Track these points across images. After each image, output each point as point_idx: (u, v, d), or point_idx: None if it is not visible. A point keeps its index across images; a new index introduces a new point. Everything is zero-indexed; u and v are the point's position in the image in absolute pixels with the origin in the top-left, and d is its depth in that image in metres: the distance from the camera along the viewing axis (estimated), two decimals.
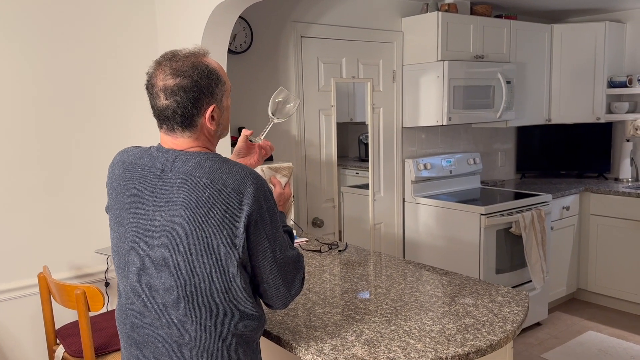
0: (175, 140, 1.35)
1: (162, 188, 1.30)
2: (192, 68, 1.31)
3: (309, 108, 3.32)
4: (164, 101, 1.30)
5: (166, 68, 1.31)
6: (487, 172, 4.52)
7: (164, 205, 1.29)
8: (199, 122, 1.33)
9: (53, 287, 2.18)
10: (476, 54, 3.72)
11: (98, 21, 2.59)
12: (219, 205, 1.24)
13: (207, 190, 1.25)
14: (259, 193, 1.28)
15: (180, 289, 1.28)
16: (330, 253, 2.44)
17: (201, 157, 1.31)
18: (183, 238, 1.26)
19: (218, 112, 1.36)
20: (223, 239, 1.25)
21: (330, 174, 3.47)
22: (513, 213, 3.58)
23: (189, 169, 1.29)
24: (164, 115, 1.32)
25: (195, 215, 1.25)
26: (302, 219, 3.35)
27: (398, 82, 3.76)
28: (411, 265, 2.22)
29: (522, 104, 4.15)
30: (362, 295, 1.90)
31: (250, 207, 1.25)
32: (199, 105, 1.31)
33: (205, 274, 1.27)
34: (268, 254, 1.30)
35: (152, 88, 1.33)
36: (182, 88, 1.29)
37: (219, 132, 1.41)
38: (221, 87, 1.36)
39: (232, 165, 1.30)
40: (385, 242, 3.85)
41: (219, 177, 1.26)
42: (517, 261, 3.67)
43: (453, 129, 4.22)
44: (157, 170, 1.33)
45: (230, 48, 2.91)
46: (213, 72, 1.34)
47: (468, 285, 1.96)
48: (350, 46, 3.48)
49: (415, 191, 3.87)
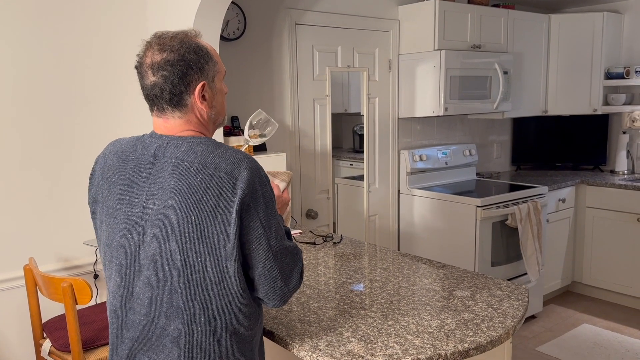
0: (166, 123, 1.30)
1: (156, 175, 1.25)
2: (179, 43, 1.27)
3: (304, 98, 3.26)
4: (152, 78, 1.26)
5: (155, 45, 1.28)
6: (483, 164, 4.48)
7: (157, 193, 1.24)
8: (189, 101, 1.28)
9: (39, 280, 2.12)
10: (473, 43, 3.67)
11: (85, 5, 2.50)
12: (212, 191, 1.19)
13: (199, 175, 1.20)
14: (254, 177, 1.22)
15: (173, 280, 1.23)
16: (324, 245, 2.39)
17: (193, 142, 1.26)
18: (175, 226, 1.21)
19: (209, 92, 1.31)
20: (217, 225, 1.19)
21: (325, 164, 3.41)
22: (509, 205, 3.54)
23: (181, 153, 1.24)
24: (153, 94, 1.27)
25: (187, 201, 1.19)
26: (296, 210, 3.30)
27: (394, 71, 3.70)
28: (407, 258, 2.17)
29: (519, 95, 4.11)
30: (357, 287, 1.85)
31: (243, 191, 1.19)
32: (187, 81, 1.26)
33: (199, 263, 1.22)
34: (262, 241, 1.24)
35: (140, 67, 1.29)
36: (169, 62, 1.25)
37: (214, 116, 1.35)
38: (212, 66, 1.31)
39: (226, 149, 1.25)
40: (380, 234, 3.81)
41: (211, 162, 1.21)
42: (512, 253, 3.64)
43: (449, 120, 4.16)
44: (150, 157, 1.28)
45: (222, 35, 2.84)
46: (202, 49, 1.30)
47: (466, 279, 1.91)
48: (346, 34, 3.41)
49: (410, 183, 3.82)
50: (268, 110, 3.12)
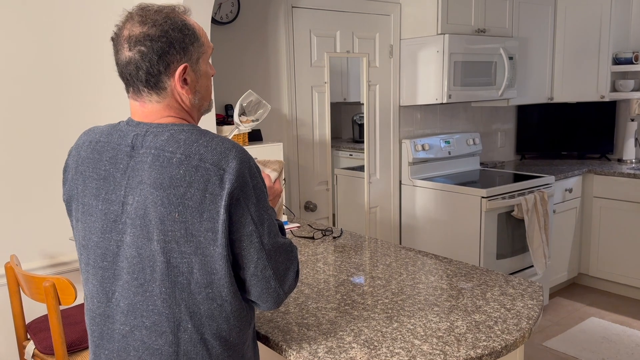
0: (144, 108, 1.16)
1: (134, 168, 1.12)
2: (164, 18, 1.13)
3: (301, 85, 3.12)
4: (127, 53, 1.12)
5: (136, 16, 1.13)
6: (487, 153, 4.35)
7: (136, 188, 1.11)
8: (168, 85, 1.14)
9: (21, 279, 1.99)
10: (478, 27, 3.52)
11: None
12: (197, 184, 1.06)
13: (182, 167, 1.07)
14: (244, 168, 1.09)
15: (155, 285, 1.10)
16: (324, 240, 2.26)
17: (175, 129, 1.13)
18: (157, 224, 1.08)
19: (192, 76, 1.17)
20: (203, 222, 1.07)
21: (324, 155, 3.28)
22: (515, 196, 3.41)
23: (161, 143, 1.11)
24: (127, 72, 1.13)
25: (170, 196, 1.06)
26: (294, 203, 3.17)
27: (395, 57, 3.55)
28: (412, 253, 2.05)
29: (524, 82, 3.96)
30: (357, 280, 1.72)
31: (232, 183, 1.06)
32: (167, 62, 1.12)
33: (184, 265, 1.09)
34: (254, 239, 1.11)
35: (117, 39, 1.15)
36: (149, 36, 1.10)
37: (198, 102, 1.21)
38: (197, 47, 1.17)
39: (212, 137, 1.11)
40: (381, 227, 3.68)
41: (195, 152, 1.08)
42: (518, 246, 3.51)
43: (452, 108, 4.03)
44: (127, 148, 1.14)
45: (215, 18, 2.70)
46: (189, 27, 1.16)
47: (475, 276, 1.79)
48: (345, 18, 3.27)
49: (412, 173, 3.69)
50: (264, 97, 2.96)
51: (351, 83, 3.58)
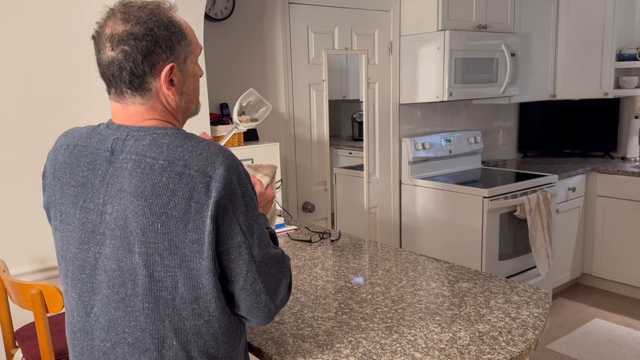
0: (126, 110, 1.09)
1: (114, 174, 1.05)
2: (149, 15, 1.05)
3: (298, 83, 3.04)
4: (109, 52, 1.04)
5: (118, 14, 1.06)
6: (488, 151, 4.27)
7: (116, 196, 1.04)
8: (153, 86, 1.07)
9: (8, 285, 1.93)
10: (479, 23, 3.44)
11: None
12: (181, 193, 0.99)
13: (165, 173, 1.00)
14: (231, 175, 1.02)
15: (137, 300, 1.04)
16: (321, 243, 2.20)
17: (158, 133, 1.05)
18: (138, 235, 1.01)
19: (179, 76, 1.10)
20: (188, 234, 1.00)
21: (322, 154, 3.21)
22: (517, 195, 3.34)
23: (142, 148, 1.03)
24: (110, 73, 1.06)
25: (152, 206, 0.99)
26: (292, 204, 3.10)
27: (395, 54, 3.48)
28: (412, 257, 1.98)
29: (526, 79, 3.89)
30: (356, 280, 1.66)
31: (219, 191, 0.99)
32: (152, 62, 1.05)
33: (168, 279, 1.02)
34: (243, 250, 1.04)
35: (98, 38, 1.07)
36: (132, 35, 1.03)
37: (184, 105, 1.13)
38: (185, 46, 1.10)
39: (197, 142, 1.04)
40: (381, 227, 3.61)
41: (179, 157, 1.01)
42: (521, 246, 3.45)
43: (453, 105, 3.95)
44: (106, 153, 1.07)
45: (209, 14, 2.63)
46: (175, 25, 1.08)
47: (478, 282, 1.72)
48: (344, 14, 3.19)
49: (412, 172, 3.62)
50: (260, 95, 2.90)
51: (351, 80, 3.51)
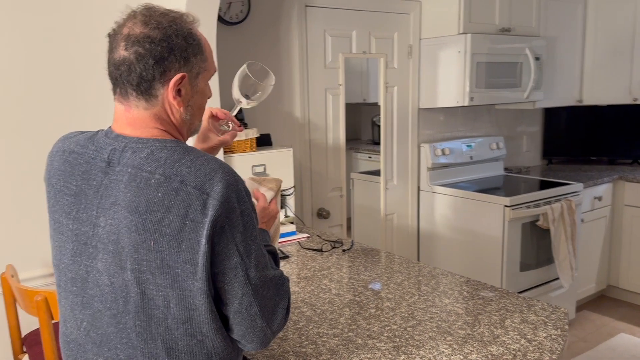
0: (129, 113, 1.05)
1: (109, 186, 1.01)
2: (170, 22, 1.02)
3: (314, 87, 2.99)
4: (122, 52, 1.01)
5: (139, 16, 1.03)
6: (511, 157, 4.16)
7: (109, 209, 0.99)
8: (160, 93, 1.03)
9: (15, 291, 1.91)
10: (502, 26, 3.34)
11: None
12: (176, 210, 0.94)
13: (161, 189, 0.95)
14: (230, 192, 0.96)
15: (129, 317, 0.99)
16: (332, 253, 2.14)
17: (157, 146, 1.01)
18: (131, 252, 0.96)
19: (188, 89, 1.06)
20: (181, 253, 0.95)
21: (338, 159, 3.15)
22: (541, 204, 3.23)
23: (139, 161, 0.99)
24: (118, 72, 1.03)
25: (145, 222, 0.95)
26: (306, 210, 3.04)
27: (415, 58, 3.40)
28: (426, 270, 1.90)
29: (552, 83, 3.77)
30: (374, 286, 1.59)
31: (216, 210, 0.94)
32: (163, 68, 1.01)
33: (160, 298, 0.97)
34: (239, 272, 0.99)
35: (114, 37, 1.04)
36: (149, 38, 1.00)
37: (189, 119, 1.09)
38: (200, 61, 1.07)
39: (197, 156, 0.99)
40: (398, 235, 3.53)
41: (176, 173, 0.96)
42: (543, 257, 3.33)
43: (474, 110, 3.85)
44: (102, 163, 1.03)
45: (224, 18, 2.60)
46: (194, 38, 1.06)
47: (495, 299, 1.64)
48: (362, 17, 3.13)
49: (431, 179, 3.53)
50: (275, 101, 2.86)
51: (371, 83, 3.44)
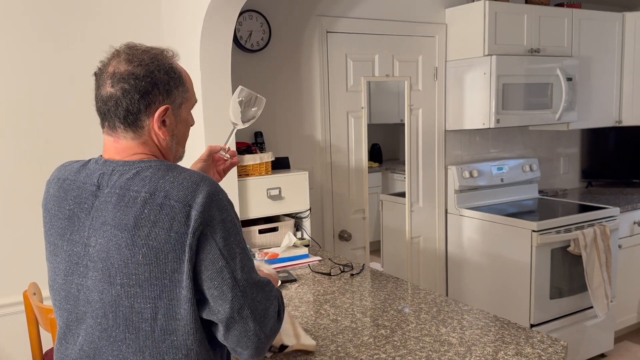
0: (117, 144, 1.13)
1: (99, 208, 1.08)
2: (151, 58, 1.11)
3: (336, 110, 3.02)
4: (109, 89, 1.09)
5: (123, 54, 1.11)
6: (547, 179, 4.04)
7: (100, 229, 1.07)
8: (146, 124, 1.11)
9: (35, 308, 2.02)
10: (531, 47, 3.28)
11: (100, 16, 2.41)
12: (161, 223, 1.01)
13: (147, 206, 1.02)
14: (210, 201, 1.02)
15: (119, 330, 1.06)
16: (341, 277, 2.14)
17: (142, 167, 1.09)
18: (120, 267, 1.03)
19: (172, 119, 1.14)
20: (168, 264, 1.01)
21: (360, 182, 3.16)
22: (572, 229, 3.12)
23: (126, 182, 1.07)
24: (106, 107, 1.11)
25: (134, 238, 1.02)
26: (327, 232, 3.06)
27: (440, 80, 3.38)
28: (430, 298, 1.88)
29: (587, 104, 3.65)
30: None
31: (196, 220, 1.01)
32: (148, 101, 1.09)
33: (148, 310, 1.03)
34: (226, 275, 1.03)
35: (100, 75, 1.13)
36: (133, 75, 1.08)
37: (174, 146, 1.17)
38: (182, 92, 1.15)
39: (180, 172, 1.06)
40: (424, 258, 3.49)
41: (160, 189, 1.03)
42: (576, 284, 3.20)
43: (507, 131, 3.78)
44: (92, 187, 1.11)
45: (245, 46, 2.68)
46: (175, 71, 1.14)
47: (493, 329, 1.60)
48: (385, 41, 3.15)
49: (459, 202, 3.48)
50: (296, 124, 2.91)
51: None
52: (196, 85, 2.29)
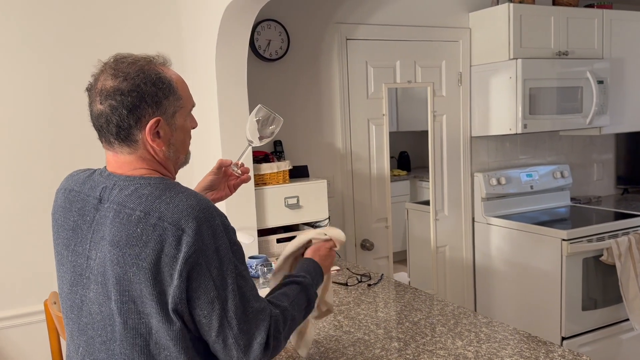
0: (116, 159, 1.13)
1: (99, 222, 1.09)
2: (137, 71, 1.09)
3: (356, 118, 2.99)
4: (99, 105, 1.09)
5: (109, 69, 1.10)
6: (580, 186, 3.89)
7: (99, 243, 1.08)
8: (139, 138, 1.10)
9: (54, 318, 2.04)
10: (558, 50, 3.18)
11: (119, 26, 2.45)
12: (152, 244, 1.00)
13: (140, 225, 1.01)
14: (204, 228, 1.01)
15: (116, 344, 1.06)
16: (358, 287, 2.10)
17: (141, 184, 1.08)
18: (114, 284, 1.03)
19: (167, 129, 1.11)
20: (157, 285, 1.00)
21: (383, 190, 3.10)
22: (605, 238, 2.99)
23: (124, 198, 1.07)
24: (99, 124, 1.11)
25: (125, 256, 1.01)
26: (349, 241, 3.02)
27: (465, 85, 3.31)
28: (448, 310, 1.81)
29: (620, 108, 3.51)
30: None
31: (189, 246, 0.99)
32: (137, 116, 1.07)
33: (142, 326, 1.03)
34: (216, 305, 1.02)
35: (91, 91, 1.12)
36: (119, 91, 1.06)
37: (173, 155, 1.15)
38: (173, 101, 1.12)
39: (177, 193, 1.05)
40: (451, 268, 3.40)
41: (155, 209, 1.02)
42: (611, 295, 3.06)
43: (536, 137, 3.67)
44: (94, 200, 1.12)
45: (263, 55, 2.68)
46: (164, 81, 1.11)
47: (511, 343, 1.53)
48: (406, 47, 3.10)
49: (486, 210, 3.38)
50: (316, 132, 2.89)
51: None
52: (212, 91, 2.30)
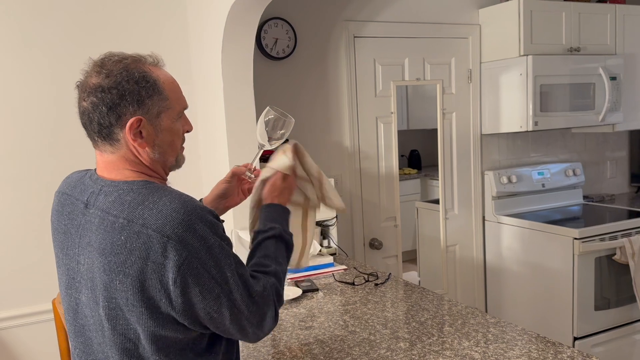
0: (102, 157, 1.12)
1: (85, 227, 1.08)
2: (122, 69, 1.07)
3: (364, 116, 2.97)
4: (83, 102, 1.09)
5: (96, 66, 1.10)
6: (593, 184, 3.84)
7: (86, 248, 1.07)
8: (121, 137, 1.08)
9: (62, 316, 2.05)
10: (570, 46, 3.14)
11: (127, 26, 2.46)
12: (138, 252, 0.98)
13: (124, 232, 1.00)
14: (192, 232, 0.99)
15: (107, 347, 1.06)
16: (365, 286, 2.08)
17: (124, 189, 1.06)
18: (102, 290, 1.03)
19: (150, 130, 1.09)
20: (144, 292, 0.99)
21: (391, 189, 3.08)
22: (618, 236, 2.94)
23: (108, 205, 1.05)
24: (83, 121, 1.10)
25: (111, 264, 1.00)
26: (357, 240, 3.00)
27: (475, 82, 3.27)
28: (456, 309, 1.79)
29: (634, 104, 3.45)
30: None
31: (179, 254, 0.97)
32: (118, 113, 1.06)
33: (131, 332, 1.03)
34: (223, 300, 1.02)
35: (80, 87, 1.12)
36: (101, 87, 1.05)
37: (158, 157, 1.12)
38: (158, 101, 1.09)
39: (160, 197, 1.02)
40: (461, 267, 3.37)
41: (139, 216, 1.00)
42: (624, 295, 3.01)
43: (548, 134, 3.62)
44: (82, 205, 1.11)
45: (270, 54, 2.67)
46: (148, 80, 1.08)
47: (519, 344, 1.50)
48: (415, 44, 3.07)
49: (497, 208, 3.35)
50: (324, 131, 2.87)
51: None
52: (218, 90, 2.29)
